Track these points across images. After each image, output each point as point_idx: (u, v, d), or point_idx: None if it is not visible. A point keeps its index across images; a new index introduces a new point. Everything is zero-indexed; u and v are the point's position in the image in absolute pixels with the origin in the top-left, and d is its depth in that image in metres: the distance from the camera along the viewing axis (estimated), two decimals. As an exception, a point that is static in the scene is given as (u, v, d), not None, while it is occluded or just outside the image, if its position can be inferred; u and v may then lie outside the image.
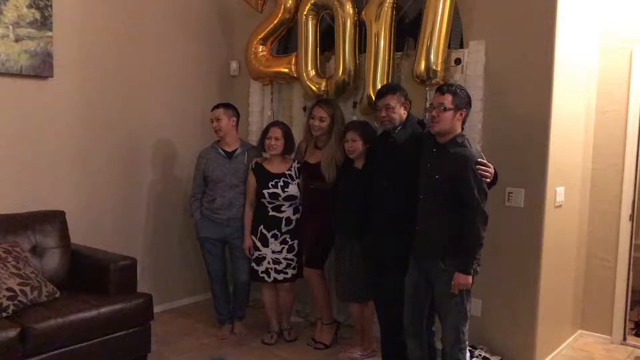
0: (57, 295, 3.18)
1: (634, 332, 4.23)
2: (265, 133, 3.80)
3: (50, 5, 3.56)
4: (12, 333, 2.77)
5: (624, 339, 4.06)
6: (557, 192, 3.53)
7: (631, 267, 4.05)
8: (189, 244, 4.54)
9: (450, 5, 3.52)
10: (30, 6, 3.48)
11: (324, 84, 4.05)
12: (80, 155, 3.89)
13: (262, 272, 3.78)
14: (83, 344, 3.05)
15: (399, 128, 3.19)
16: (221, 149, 3.89)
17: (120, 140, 4.12)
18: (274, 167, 3.76)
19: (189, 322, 4.23)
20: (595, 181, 4.09)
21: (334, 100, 3.92)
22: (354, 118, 3.93)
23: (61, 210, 3.60)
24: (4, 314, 2.89)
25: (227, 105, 3.93)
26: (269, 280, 3.78)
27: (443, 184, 2.85)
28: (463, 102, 2.87)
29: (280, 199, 3.70)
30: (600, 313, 4.11)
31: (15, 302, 2.94)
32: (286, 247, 3.75)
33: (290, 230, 3.75)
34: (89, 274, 3.44)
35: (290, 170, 3.76)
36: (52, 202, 3.67)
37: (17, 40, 3.44)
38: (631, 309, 4.20)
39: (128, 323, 3.25)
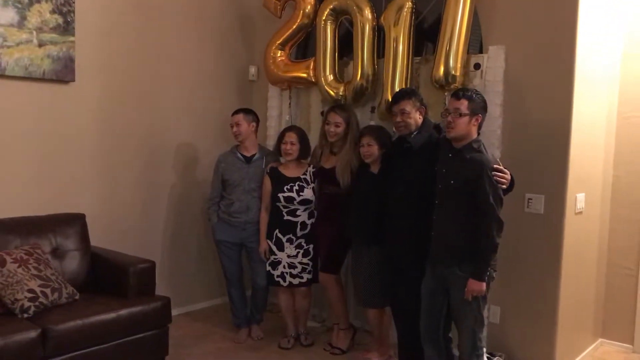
0: (76, 297, 3.21)
1: (656, 341, 4.16)
2: (281, 138, 3.80)
3: (73, 11, 3.62)
4: (33, 334, 2.80)
5: (646, 348, 4.00)
6: (578, 198, 3.49)
7: (653, 276, 3.98)
8: (207, 247, 4.56)
9: (470, 10, 3.50)
10: (53, 12, 3.53)
11: (342, 88, 4.06)
12: (100, 158, 3.93)
13: (277, 276, 3.79)
14: (102, 346, 3.07)
15: (414, 133, 3.20)
16: (240, 153, 3.91)
17: (141, 144, 4.16)
18: (290, 171, 3.77)
19: (206, 326, 4.25)
20: (616, 188, 4.03)
21: (349, 105, 3.93)
22: (372, 123, 3.92)
23: (82, 213, 3.64)
24: (25, 315, 2.93)
25: (247, 111, 3.95)
26: (285, 284, 3.79)
27: (458, 189, 2.84)
28: (479, 107, 2.85)
29: (295, 202, 3.70)
30: (621, 322, 4.04)
31: (36, 303, 2.97)
32: (301, 251, 3.75)
33: (305, 235, 3.76)
34: (108, 276, 3.47)
35: (306, 174, 3.77)
36: (73, 204, 3.71)
37: (40, 45, 3.49)
38: (653, 318, 4.13)
39: (146, 326, 3.27)
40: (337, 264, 3.78)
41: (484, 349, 2.94)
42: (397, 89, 3.75)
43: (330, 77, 4.12)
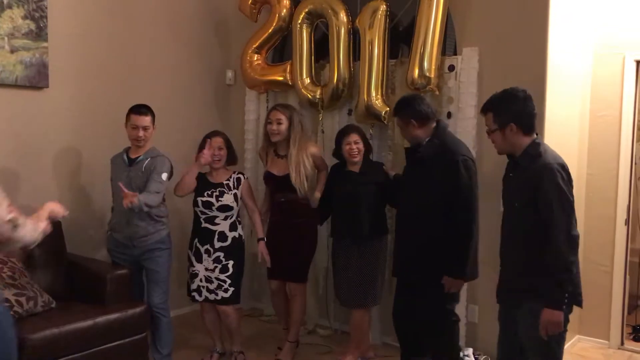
0: (52, 306, 3.17)
1: (631, 336, 4.22)
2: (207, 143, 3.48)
3: (46, 17, 3.58)
4: (8, 344, 2.76)
5: (622, 343, 4.06)
6: (552, 197, 3.53)
7: (627, 272, 4.05)
8: (183, 253, 4.52)
9: (443, 12, 3.55)
10: (25, 17, 3.50)
11: (318, 91, 4.07)
12: (75, 165, 3.89)
13: (193, 290, 3.53)
14: (79, 354, 3.03)
15: (425, 142, 3.04)
16: (127, 154, 3.45)
17: (116, 150, 4.10)
18: (213, 177, 3.54)
19: (186, 331, 4.22)
20: (590, 186, 4.09)
21: (290, 105, 3.87)
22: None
23: (57, 220, 3.59)
24: None
25: (151, 111, 3.41)
26: (200, 299, 3.52)
27: (523, 210, 2.44)
28: (508, 115, 2.49)
29: (213, 208, 3.45)
30: (597, 318, 4.10)
31: (11, 312, 2.92)
32: (219, 266, 3.47)
33: (224, 248, 3.47)
34: (85, 283, 3.43)
35: (229, 180, 3.52)
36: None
37: (12, 51, 3.45)
38: (629, 313, 4.21)
39: (124, 333, 3.24)
40: (306, 271, 3.71)
41: None
42: (373, 91, 3.80)
43: (307, 80, 4.13)
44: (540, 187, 2.36)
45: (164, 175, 3.38)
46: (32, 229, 2.18)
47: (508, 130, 2.47)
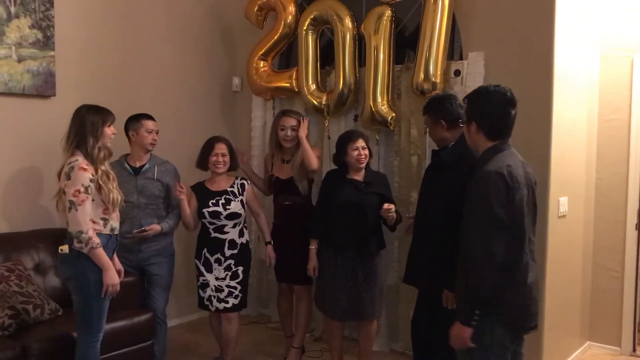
0: (59, 313, 3.18)
1: (643, 343, 4.17)
2: (209, 149, 3.47)
3: (53, 26, 3.61)
4: (13, 352, 2.77)
5: (634, 350, 4.00)
6: (561, 202, 3.50)
7: (639, 277, 4.00)
8: (190, 260, 4.52)
9: (448, 17, 3.54)
10: (32, 27, 3.53)
11: (324, 98, 4.07)
12: (83, 173, 3.90)
13: (206, 299, 3.49)
14: (85, 362, 3.04)
15: (449, 146, 2.87)
16: (128, 164, 3.47)
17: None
18: (215, 185, 3.48)
19: (195, 338, 4.22)
20: (599, 190, 4.05)
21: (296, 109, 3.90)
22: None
23: (64, 228, 3.60)
24: (6, 333, 2.90)
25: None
26: (212, 309, 3.48)
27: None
28: (472, 113, 2.37)
29: (222, 217, 3.40)
30: (608, 324, 4.05)
31: (18, 320, 2.94)
32: (230, 273, 3.43)
33: (234, 256, 3.44)
34: (92, 291, 3.43)
35: (233, 187, 3.49)
36: (55, 220, 3.68)
37: (19, 61, 3.48)
38: (640, 320, 4.15)
39: (131, 340, 3.24)
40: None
41: None
42: (379, 97, 3.78)
43: (313, 87, 4.13)
44: (468, 193, 2.23)
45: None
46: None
47: (472, 127, 2.33)
